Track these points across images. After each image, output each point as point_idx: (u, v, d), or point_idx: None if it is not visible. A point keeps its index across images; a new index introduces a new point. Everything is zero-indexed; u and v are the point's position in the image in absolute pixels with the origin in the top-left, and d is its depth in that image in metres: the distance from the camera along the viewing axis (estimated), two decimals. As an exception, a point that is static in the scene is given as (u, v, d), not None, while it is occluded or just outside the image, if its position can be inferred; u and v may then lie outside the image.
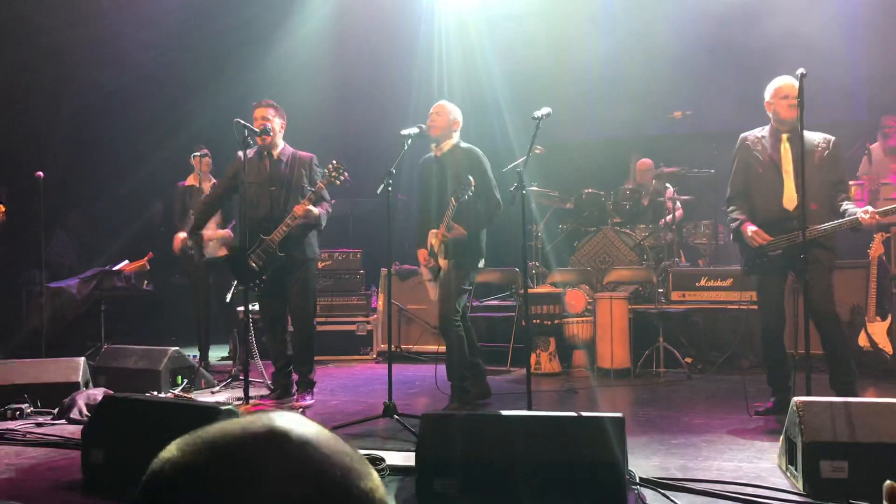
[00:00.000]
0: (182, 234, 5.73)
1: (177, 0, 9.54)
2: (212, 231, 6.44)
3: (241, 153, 5.25)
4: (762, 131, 4.89)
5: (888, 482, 1.61)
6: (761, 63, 8.69)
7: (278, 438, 0.73)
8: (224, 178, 5.80)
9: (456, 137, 5.30)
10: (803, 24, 8.59)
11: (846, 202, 4.63)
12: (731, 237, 5.11)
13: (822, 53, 8.04)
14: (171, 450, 0.74)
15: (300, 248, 5.45)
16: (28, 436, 4.61)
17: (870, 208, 4.50)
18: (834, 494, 3.10)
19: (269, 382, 5.91)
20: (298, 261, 5.45)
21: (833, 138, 4.76)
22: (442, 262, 5.17)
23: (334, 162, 5.23)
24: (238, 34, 9.78)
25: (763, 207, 4.79)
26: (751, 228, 4.73)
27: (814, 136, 4.66)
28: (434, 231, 5.18)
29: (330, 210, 5.53)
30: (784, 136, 4.76)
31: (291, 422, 0.75)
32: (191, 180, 7.09)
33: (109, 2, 9.22)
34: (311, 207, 5.27)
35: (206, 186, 6.94)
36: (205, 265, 6.67)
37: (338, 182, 5.23)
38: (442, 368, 5.41)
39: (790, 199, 4.68)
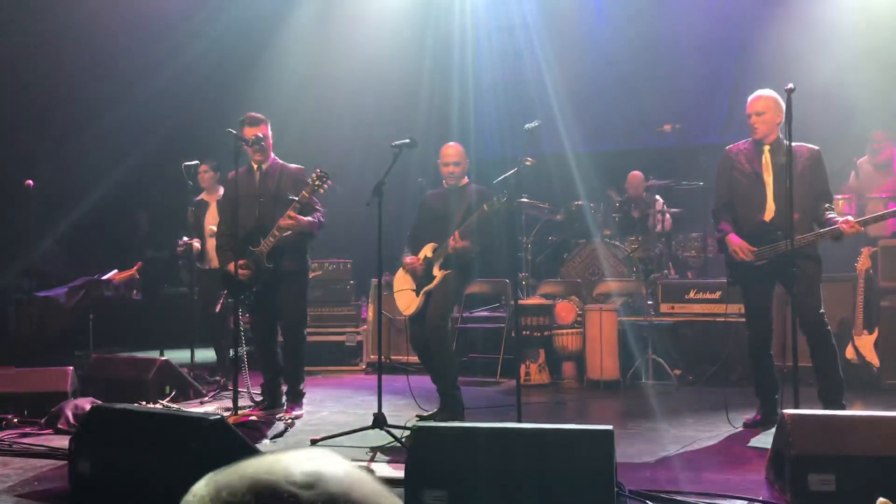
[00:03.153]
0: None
1: (167, 11, 9.55)
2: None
3: (231, 173, 5.28)
4: (745, 143, 4.94)
5: (882, 499, 1.62)
6: (750, 77, 8.77)
7: (321, 480, 0.72)
8: (225, 202, 5.76)
9: (467, 177, 5.46)
10: (792, 38, 8.67)
11: (829, 212, 4.67)
12: (718, 248, 5.14)
13: (810, 67, 8.10)
14: (206, 488, 0.73)
15: (291, 260, 5.44)
16: (14, 446, 4.57)
17: (850, 218, 4.54)
18: (821, 507, 3.11)
19: (253, 394, 5.88)
20: (290, 272, 5.44)
21: (816, 148, 4.80)
22: (437, 272, 5.18)
23: (318, 170, 5.24)
24: (227, 44, 9.77)
25: (746, 218, 4.83)
26: (735, 241, 4.76)
27: (796, 147, 4.69)
28: (431, 245, 5.23)
29: (323, 219, 5.51)
30: (766, 147, 4.80)
31: (332, 463, 0.75)
32: (203, 195, 7.11)
33: (100, 12, 9.21)
34: (297, 217, 5.25)
35: (213, 199, 6.93)
36: (210, 275, 6.67)
37: (321, 190, 5.23)
38: (415, 381, 5.48)
39: (770, 209, 4.72)
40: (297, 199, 5.23)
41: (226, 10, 9.72)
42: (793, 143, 4.50)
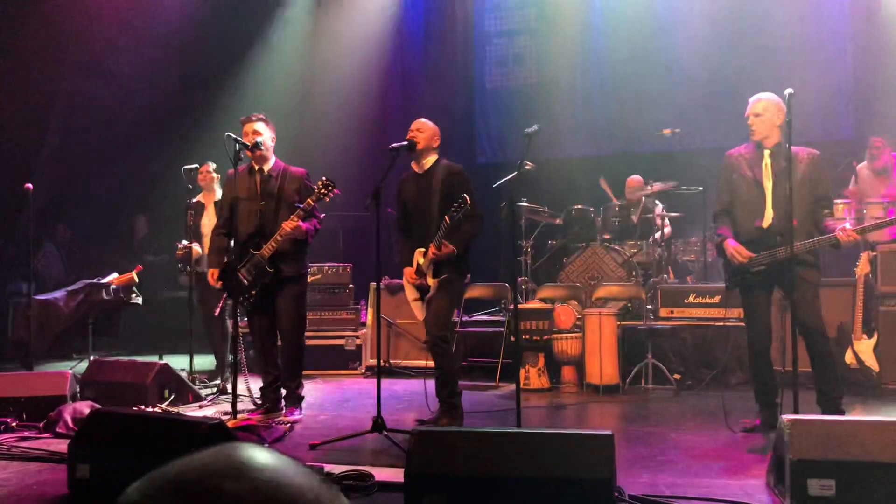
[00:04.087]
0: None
1: (165, 17, 9.57)
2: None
3: (231, 171, 5.28)
4: (746, 148, 4.93)
5: None
6: (750, 81, 8.78)
7: (246, 471, 0.71)
8: (224, 201, 5.78)
9: (436, 154, 5.32)
10: (791, 44, 8.68)
11: (828, 218, 4.66)
12: (717, 253, 5.14)
13: (809, 72, 8.12)
14: (135, 491, 0.71)
15: (290, 264, 5.44)
16: (13, 450, 4.57)
17: (847, 226, 4.53)
18: (821, 512, 3.11)
19: (255, 398, 5.88)
20: (289, 276, 5.44)
21: (817, 153, 4.79)
22: (430, 281, 5.16)
23: (323, 179, 5.25)
24: (225, 51, 9.80)
25: (745, 224, 4.82)
26: (731, 245, 4.75)
27: (797, 152, 4.68)
28: (420, 250, 5.19)
29: (319, 226, 5.53)
30: (766, 152, 4.80)
31: (255, 453, 0.74)
32: (199, 196, 7.10)
33: (99, 15, 9.23)
34: (300, 223, 5.27)
35: (209, 201, 6.94)
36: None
37: (327, 199, 5.25)
38: (416, 384, 5.43)
39: (769, 216, 4.72)
40: (302, 206, 5.24)
41: (226, 13, 9.74)
42: (794, 147, 4.50)
